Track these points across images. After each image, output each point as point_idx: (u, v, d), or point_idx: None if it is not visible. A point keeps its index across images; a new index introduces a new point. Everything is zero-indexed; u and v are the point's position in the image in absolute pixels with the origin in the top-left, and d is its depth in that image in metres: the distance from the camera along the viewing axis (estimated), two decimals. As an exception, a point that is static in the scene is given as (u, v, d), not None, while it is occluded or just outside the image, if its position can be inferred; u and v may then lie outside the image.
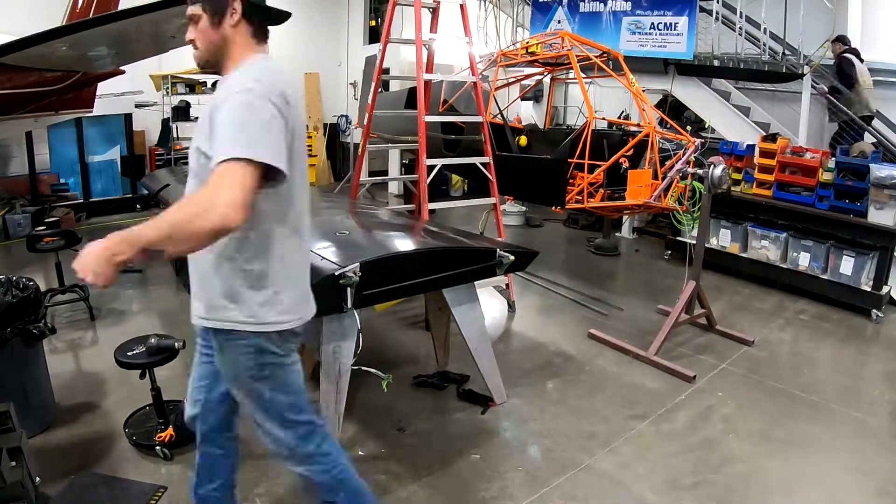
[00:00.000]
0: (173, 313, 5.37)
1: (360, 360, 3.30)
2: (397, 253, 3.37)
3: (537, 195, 6.46)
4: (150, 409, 3.58)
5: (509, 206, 8.81)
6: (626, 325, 5.34)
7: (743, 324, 5.44)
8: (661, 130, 5.63)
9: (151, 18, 5.04)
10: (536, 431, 3.73)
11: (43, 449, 3.34)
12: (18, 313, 3.32)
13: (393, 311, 5.41)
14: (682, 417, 3.92)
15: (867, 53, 6.41)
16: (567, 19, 8.10)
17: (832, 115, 6.55)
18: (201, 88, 9.13)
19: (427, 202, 5.09)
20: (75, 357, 4.56)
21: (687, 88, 7.32)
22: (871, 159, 5.67)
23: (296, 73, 11.34)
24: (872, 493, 3.24)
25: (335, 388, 3.25)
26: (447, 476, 3.27)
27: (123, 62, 6.89)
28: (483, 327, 3.89)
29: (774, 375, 4.51)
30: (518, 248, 3.83)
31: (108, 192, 8.94)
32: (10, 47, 5.38)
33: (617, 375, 4.46)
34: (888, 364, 4.80)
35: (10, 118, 6.80)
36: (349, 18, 11.62)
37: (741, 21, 6.56)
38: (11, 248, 7.17)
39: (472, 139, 5.94)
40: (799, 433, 3.78)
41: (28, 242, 5.12)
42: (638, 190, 5.22)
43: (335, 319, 3.17)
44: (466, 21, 5.46)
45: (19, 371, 3.38)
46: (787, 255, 6.22)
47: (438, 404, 4.00)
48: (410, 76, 5.72)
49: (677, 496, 3.16)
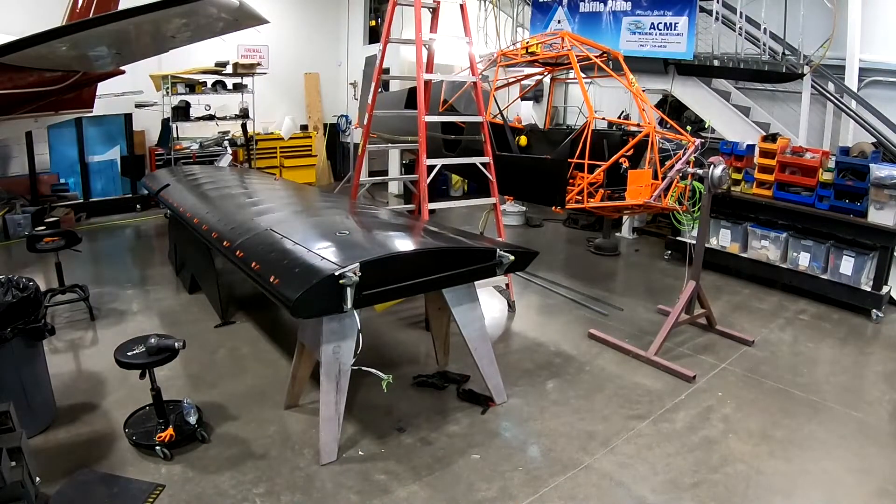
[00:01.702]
0: (173, 313, 5.37)
1: (360, 360, 3.31)
2: (397, 253, 3.37)
3: (537, 195, 6.45)
4: (149, 409, 3.59)
5: (509, 206, 8.81)
6: (626, 325, 5.34)
7: (743, 324, 5.44)
8: (661, 130, 5.63)
9: (151, 18, 5.05)
10: (536, 431, 3.73)
11: (43, 449, 3.34)
12: (18, 313, 3.32)
13: (393, 311, 5.41)
14: (682, 417, 3.92)
15: (867, 53, 6.41)
16: (567, 19, 8.09)
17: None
18: (201, 88, 9.13)
19: (427, 202, 5.09)
20: (75, 357, 4.56)
21: (687, 88, 7.32)
22: (871, 159, 5.66)
23: (296, 73, 11.37)
24: (872, 492, 3.25)
25: (335, 388, 3.25)
26: (447, 476, 3.27)
27: (123, 62, 6.90)
28: (483, 327, 3.89)
29: (774, 375, 4.51)
30: (518, 248, 3.83)
31: (108, 192, 8.94)
32: (10, 47, 5.38)
33: (617, 375, 4.46)
34: (888, 364, 4.80)
35: (10, 118, 6.80)
36: (349, 18, 11.62)
37: (741, 21, 6.55)
38: (11, 248, 7.17)
39: (472, 139, 5.94)
40: (799, 433, 3.78)
41: (28, 242, 5.12)
42: (638, 190, 5.21)
43: (335, 319, 3.18)
44: (466, 21, 5.46)
45: (19, 371, 3.38)
46: (787, 255, 6.22)
47: (438, 404, 4.00)
48: (410, 76, 5.72)
49: (677, 496, 3.16)
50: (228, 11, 5.31)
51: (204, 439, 3.49)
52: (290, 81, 11.28)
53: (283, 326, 5.12)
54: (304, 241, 3.39)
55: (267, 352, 4.70)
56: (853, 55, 6.37)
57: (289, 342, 4.64)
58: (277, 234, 3.59)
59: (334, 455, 3.35)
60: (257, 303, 5.51)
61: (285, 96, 11.23)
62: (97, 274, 6.38)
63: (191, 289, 5.81)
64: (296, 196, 5.42)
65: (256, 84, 9.64)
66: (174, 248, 6.38)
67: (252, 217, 4.14)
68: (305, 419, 3.74)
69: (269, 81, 10.29)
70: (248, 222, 3.99)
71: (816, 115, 6.83)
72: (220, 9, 5.22)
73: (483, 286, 4.94)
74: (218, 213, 4.43)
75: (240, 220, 4.12)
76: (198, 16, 5.33)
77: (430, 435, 3.64)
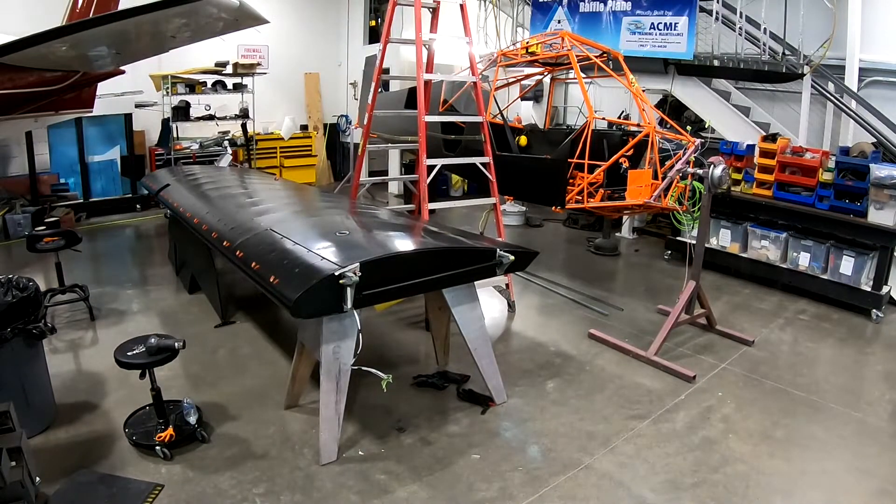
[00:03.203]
0: (173, 313, 5.37)
1: (360, 360, 3.31)
2: (397, 253, 3.37)
3: (537, 195, 6.45)
4: (149, 409, 3.59)
5: (509, 206, 8.81)
6: (626, 325, 5.34)
7: (743, 324, 5.44)
8: (661, 130, 5.63)
9: (151, 18, 5.05)
10: (536, 431, 3.73)
11: (43, 449, 3.34)
12: (18, 313, 3.32)
13: (393, 311, 5.41)
14: (682, 417, 3.92)
15: (867, 53, 6.41)
16: (567, 19, 8.09)
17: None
18: (201, 88, 9.13)
19: (427, 202, 5.09)
20: (75, 357, 4.56)
21: (687, 88, 7.32)
22: (871, 159, 5.67)
23: (296, 73, 11.37)
24: (872, 492, 3.25)
25: (335, 388, 3.25)
26: (447, 476, 3.27)
27: (123, 62, 6.90)
28: (483, 327, 3.89)
29: (774, 375, 4.51)
30: (518, 248, 3.83)
31: (108, 192, 8.94)
32: (10, 47, 5.38)
33: (617, 375, 4.46)
34: (888, 364, 4.80)
35: (10, 118, 6.81)
36: (349, 18, 11.62)
37: (741, 21, 6.55)
38: (11, 248, 7.17)
39: (472, 139, 5.94)
40: (799, 433, 3.78)
41: (28, 242, 5.12)
42: (638, 190, 5.21)
43: (335, 319, 3.18)
44: (466, 21, 5.46)
45: (19, 371, 3.38)
46: (787, 255, 6.22)
47: (438, 404, 4.00)
48: (410, 76, 5.72)
49: (677, 496, 3.16)
50: (228, 11, 5.31)
51: (204, 439, 3.49)
52: (290, 81, 11.28)
53: (283, 326, 5.12)
54: (304, 241, 3.39)
55: (267, 352, 4.70)
56: (853, 55, 6.37)
57: (289, 342, 4.64)
58: (277, 234, 3.59)
59: (334, 455, 3.36)
60: (257, 303, 5.51)
61: (285, 96, 11.23)
62: (97, 274, 6.38)
63: (191, 289, 5.81)
64: (296, 196, 5.42)
65: (256, 84, 9.64)
66: (174, 248, 6.38)
67: (252, 217, 4.14)
68: (305, 419, 3.74)
69: (269, 81, 10.29)
70: (248, 222, 3.99)
71: (816, 115, 6.83)
72: (220, 9, 5.22)
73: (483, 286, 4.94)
74: (218, 213, 4.43)
75: (240, 220, 4.12)
76: (198, 16, 5.33)
77: (430, 435, 3.64)
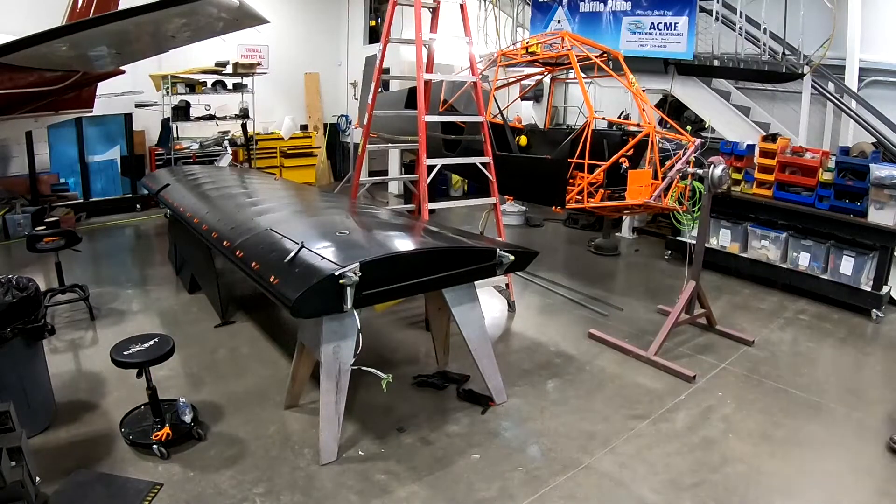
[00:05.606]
0: (173, 313, 5.37)
1: (360, 360, 3.30)
2: (397, 253, 3.37)
3: (537, 195, 6.45)
4: (145, 409, 3.59)
5: (509, 206, 8.81)
6: (626, 325, 5.34)
7: (743, 324, 5.44)
8: (661, 130, 5.62)
9: (151, 18, 5.06)
10: (536, 431, 3.73)
11: (43, 449, 3.34)
12: (18, 313, 3.32)
13: (393, 311, 5.41)
14: (682, 417, 3.92)
15: (867, 53, 6.41)
16: (567, 19, 8.09)
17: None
18: (201, 88, 9.13)
19: (427, 202, 5.09)
20: (75, 357, 4.56)
21: (687, 88, 7.32)
22: (871, 159, 5.66)
23: (296, 73, 11.37)
24: (872, 492, 3.24)
25: (335, 388, 3.25)
26: (447, 476, 3.27)
27: (123, 62, 6.90)
28: (483, 327, 3.89)
29: (774, 375, 4.51)
30: (518, 248, 3.83)
31: (108, 192, 8.93)
32: (10, 47, 5.38)
33: (617, 375, 4.46)
34: (888, 364, 4.80)
35: (10, 118, 6.81)
36: (349, 18, 11.62)
37: (741, 21, 6.55)
38: (11, 248, 7.17)
39: (472, 139, 5.94)
40: (799, 433, 3.78)
41: (28, 242, 5.12)
42: (638, 190, 5.21)
43: (335, 319, 3.18)
44: (466, 21, 5.46)
45: (19, 371, 3.38)
46: (787, 255, 6.22)
47: (438, 404, 4.00)
48: (410, 76, 5.72)
49: (677, 496, 3.16)
50: (228, 11, 5.31)
51: (200, 437, 3.49)
52: (290, 81, 11.28)
53: (283, 326, 5.12)
54: (304, 241, 3.39)
55: (267, 352, 4.69)
56: (853, 55, 6.37)
57: (289, 342, 4.64)
58: (277, 234, 3.59)
59: (334, 455, 3.35)
60: (257, 303, 5.51)
61: (285, 96, 11.23)
62: (97, 274, 6.38)
63: (191, 289, 5.81)
64: (296, 196, 5.42)
65: (256, 84, 9.64)
66: (174, 248, 6.38)
67: (252, 217, 4.14)
68: (305, 419, 3.74)
69: (269, 81, 10.29)
70: (248, 222, 3.99)
71: (816, 115, 6.83)
72: (220, 9, 5.22)
73: (483, 286, 4.94)
74: (218, 213, 4.43)
75: (240, 219, 4.12)
76: (198, 16, 5.33)
77: (430, 435, 3.64)
